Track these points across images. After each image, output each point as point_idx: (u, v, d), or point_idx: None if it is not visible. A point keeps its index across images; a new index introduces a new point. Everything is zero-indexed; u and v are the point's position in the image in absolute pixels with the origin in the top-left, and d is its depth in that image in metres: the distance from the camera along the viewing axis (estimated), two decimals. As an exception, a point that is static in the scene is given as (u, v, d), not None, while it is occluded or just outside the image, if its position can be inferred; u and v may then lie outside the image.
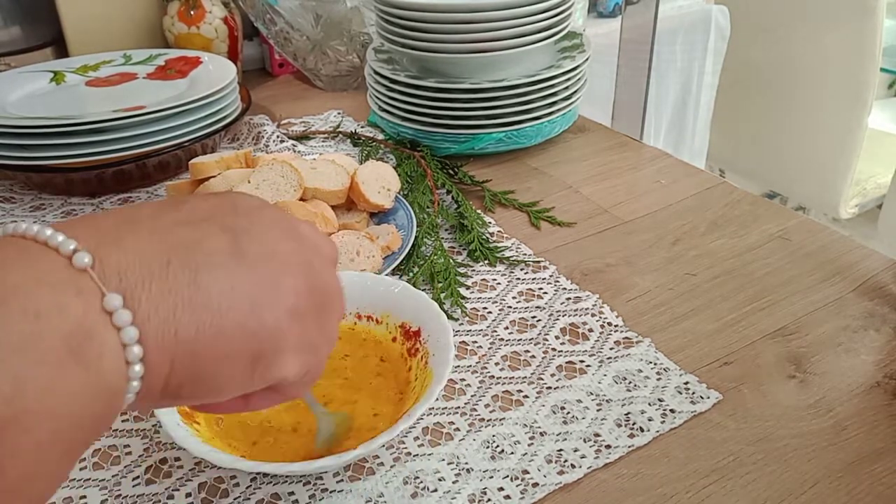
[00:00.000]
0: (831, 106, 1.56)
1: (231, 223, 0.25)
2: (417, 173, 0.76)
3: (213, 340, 0.23)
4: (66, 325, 0.20)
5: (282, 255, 0.26)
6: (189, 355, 0.23)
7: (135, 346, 0.22)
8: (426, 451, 0.45)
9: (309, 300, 0.27)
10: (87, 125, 0.73)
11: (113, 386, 0.21)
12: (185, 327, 0.23)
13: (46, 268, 0.21)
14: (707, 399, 0.48)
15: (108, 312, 0.21)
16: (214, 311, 0.23)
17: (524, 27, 0.76)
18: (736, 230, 0.68)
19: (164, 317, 0.22)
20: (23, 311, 0.20)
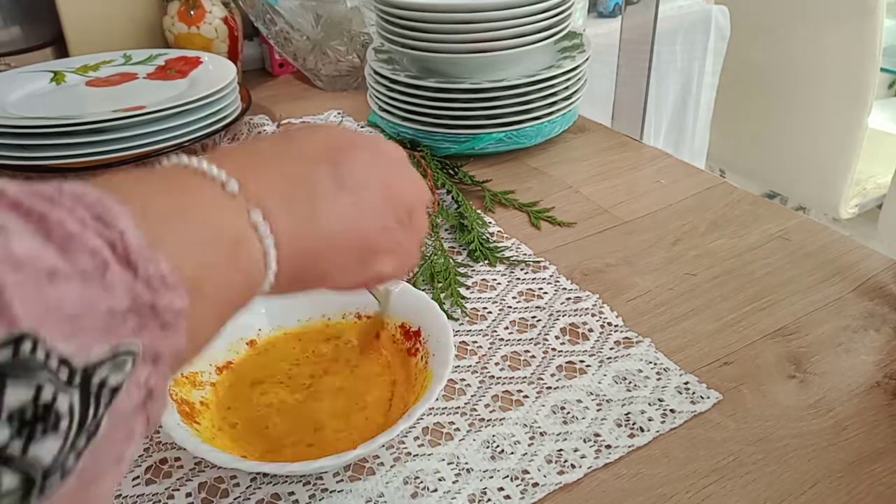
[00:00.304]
0: (831, 106, 1.56)
1: (333, 159, 0.32)
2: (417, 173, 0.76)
3: (327, 250, 0.31)
4: (229, 233, 0.27)
5: (371, 184, 0.33)
6: (311, 258, 0.30)
7: (272, 251, 0.28)
8: (426, 451, 0.45)
9: (393, 214, 0.34)
10: (87, 125, 0.73)
11: (256, 279, 0.28)
12: (307, 239, 0.30)
13: (210, 192, 0.28)
14: (707, 399, 0.48)
15: (254, 226, 0.28)
16: (326, 229, 0.31)
17: (524, 27, 0.76)
18: (736, 230, 0.68)
19: (292, 231, 0.29)
20: (201, 222, 0.26)
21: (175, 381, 0.45)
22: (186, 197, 0.27)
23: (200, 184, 0.28)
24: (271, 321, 0.52)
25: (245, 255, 0.27)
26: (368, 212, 0.33)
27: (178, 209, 0.26)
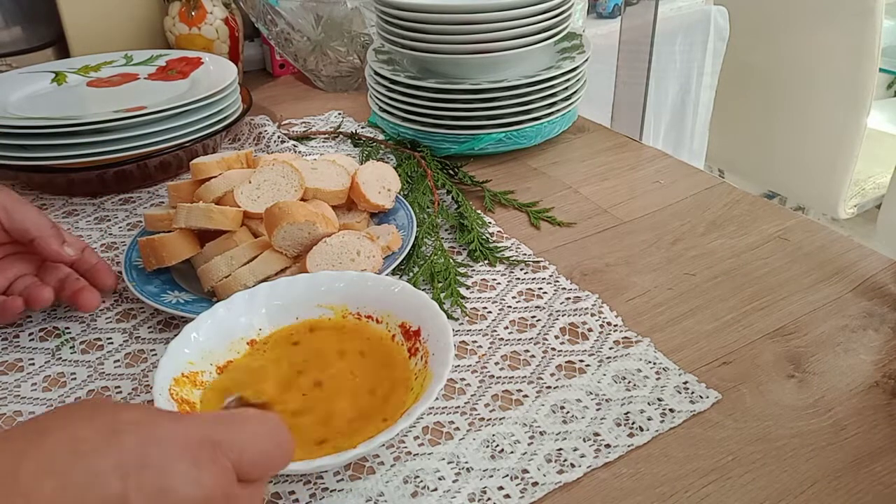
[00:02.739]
0: (830, 106, 1.57)
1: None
2: (418, 174, 0.77)
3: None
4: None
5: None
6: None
7: None
8: (426, 450, 0.46)
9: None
10: (88, 125, 0.73)
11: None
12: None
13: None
14: (706, 398, 0.49)
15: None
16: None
17: (524, 28, 0.76)
18: (735, 230, 0.68)
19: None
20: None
21: (175, 381, 0.46)
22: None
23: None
24: (271, 321, 0.52)
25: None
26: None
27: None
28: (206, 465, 0.29)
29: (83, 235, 0.71)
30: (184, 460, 0.28)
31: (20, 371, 0.54)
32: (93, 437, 0.27)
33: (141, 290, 0.58)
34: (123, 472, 0.27)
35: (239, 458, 0.30)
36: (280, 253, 0.58)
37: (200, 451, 0.29)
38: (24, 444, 0.27)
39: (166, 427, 0.29)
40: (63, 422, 0.28)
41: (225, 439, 0.30)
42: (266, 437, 0.31)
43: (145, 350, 0.55)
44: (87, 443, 0.27)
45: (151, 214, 0.63)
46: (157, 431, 0.28)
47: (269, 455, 0.31)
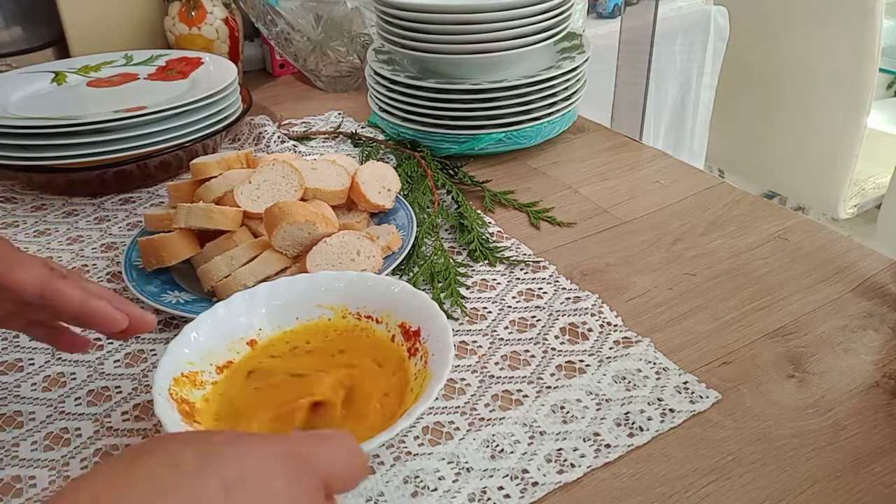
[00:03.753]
0: (830, 106, 1.57)
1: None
2: (417, 174, 0.77)
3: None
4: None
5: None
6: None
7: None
8: (426, 450, 0.46)
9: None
10: (88, 125, 0.73)
11: None
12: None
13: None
14: (706, 398, 0.49)
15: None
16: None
17: (524, 28, 0.76)
18: (735, 230, 0.68)
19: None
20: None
21: (175, 381, 0.46)
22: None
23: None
24: (271, 321, 0.52)
25: None
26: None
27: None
28: (299, 480, 0.30)
29: (83, 235, 0.71)
30: (278, 475, 0.29)
31: (20, 371, 0.54)
32: (192, 457, 0.29)
33: (141, 290, 0.58)
34: (227, 488, 0.28)
35: (327, 475, 0.31)
36: (280, 253, 0.58)
37: (292, 465, 0.30)
38: (125, 468, 0.28)
39: (257, 445, 0.30)
40: (160, 446, 0.29)
41: (313, 455, 0.31)
42: (347, 455, 0.33)
43: (145, 350, 0.55)
44: (188, 463, 0.28)
45: (151, 214, 0.63)
46: (249, 449, 0.30)
47: (351, 471, 0.32)
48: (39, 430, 0.48)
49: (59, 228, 0.72)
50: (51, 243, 0.70)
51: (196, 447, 0.29)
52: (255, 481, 0.29)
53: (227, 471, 0.28)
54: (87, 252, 0.68)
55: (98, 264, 0.66)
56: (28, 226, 0.73)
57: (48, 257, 0.67)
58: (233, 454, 0.29)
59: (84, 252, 0.68)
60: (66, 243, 0.70)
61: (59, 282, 0.45)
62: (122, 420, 0.49)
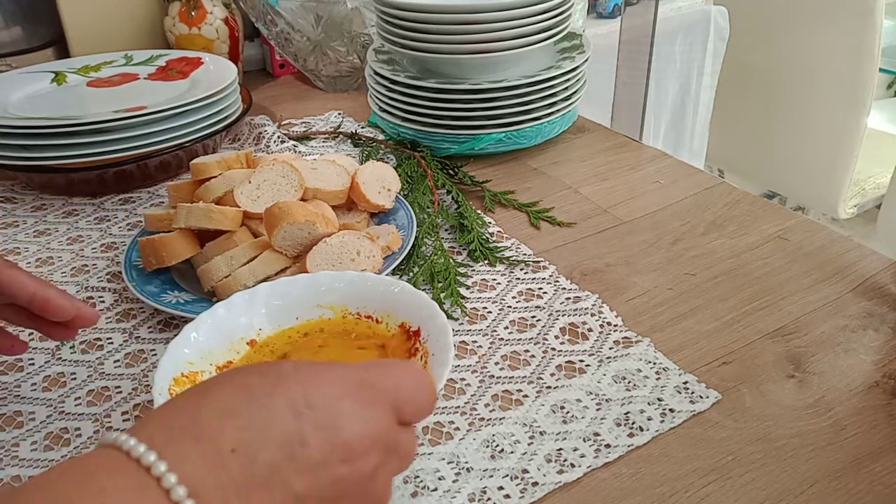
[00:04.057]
0: (830, 106, 1.57)
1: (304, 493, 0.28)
2: (417, 174, 0.77)
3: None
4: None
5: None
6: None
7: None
8: (426, 450, 0.46)
9: (377, 460, 0.30)
10: (88, 125, 0.73)
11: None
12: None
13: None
14: (706, 398, 0.49)
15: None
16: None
17: (524, 28, 0.76)
18: (735, 230, 0.68)
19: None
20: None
21: (175, 381, 0.45)
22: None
23: (138, 485, 0.25)
24: (271, 321, 0.52)
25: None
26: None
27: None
28: (368, 405, 0.30)
29: (83, 235, 0.71)
30: (346, 400, 0.30)
31: (20, 371, 0.54)
32: (261, 382, 0.29)
33: (141, 290, 0.58)
34: (296, 410, 0.28)
35: (395, 399, 0.31)
36: (280, 253, 0.58)
37: (360, 391, 0.30)
38: (197, 397, 0.29)
39: (324, 372, 0.31)
40: (230, 376, 0.30)
41: (378, 381, 0.31)
42: (414, 381, 0.33)
43: (145, 350, 0.55)
44: (257, 388, 0.29)
45: (151, 214, 0.63)
46: (317, 376, 0.30)
47: (420, 397, 0.33)
48: (39, 430, 0.49)
49: (59, 228, 0.73)
50: (51, 243, 0.70)
51: (265, 374, 0.30)
52: (323, 403, 0.29)
53: (296, 394, 0.29)
54: (87, 252, 0.68)
55: (98, 264, 0.66)
56: (28, 226, 0.73)
57: (48, 257, 0.68)
58: (301, 379, 0.30)
59: (84, 252, 0.68)
60: (66, 243, 0.70)
61: (14, 269, 0.46)
62: (122, 420, 0.49)
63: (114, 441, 0.27)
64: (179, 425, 0.27)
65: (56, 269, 0.66)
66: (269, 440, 0.27)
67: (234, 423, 0.27)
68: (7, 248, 0.69)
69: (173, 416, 0.28)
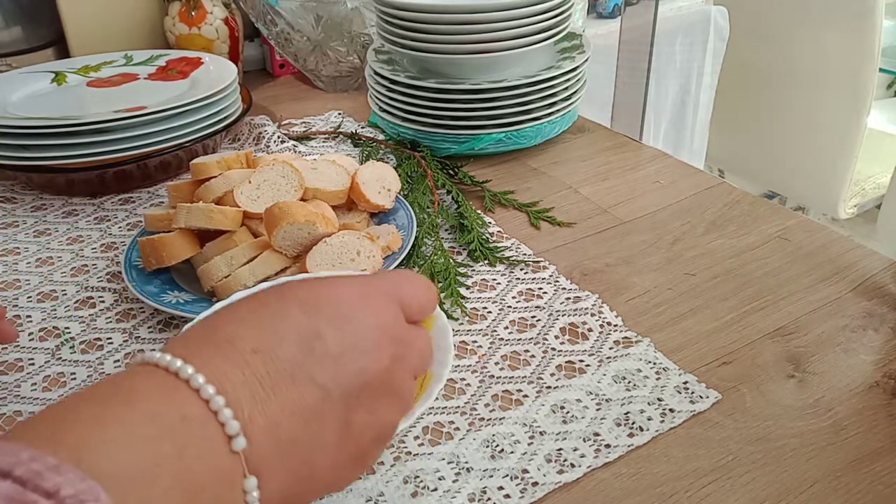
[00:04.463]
0: (830, 106, 1.57)
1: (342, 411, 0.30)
2: (417, 174, 0.77)
3: (321, 490, 0.31)
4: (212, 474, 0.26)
5: (355, 426, 0.30)
6: (303, 499, 0.30)
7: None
8: (426, 450, 0.46)
9: (376, 449, 0.32)
10: (88, 125, 0.73)
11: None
12: (301, 496, 0.30)
13: (195, 417, 0.26)
14: (706, 398, 0.49)
15: (245, 495, 0.27)
16: (323, 483, 0.30)
17: (524, 28, 0.76)
18: (735, 230, 0.68)
19: (285, 493, 0.28)
20: (178, 454, 0.25)
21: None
22: (162, 410, 0.26)
23: (183, 400, 0.26)
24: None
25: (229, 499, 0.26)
26: (350, 465, 0.31)
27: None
28: (375, 299, 0.32)
29: (83, 235, 0.71)
30: (352, 296, 0.32)
31: (20, 371, 0.54)
32: (272, 294, 0.32)
33: (141, 290, 0.58)
34: (308, 310, 0.30)
35: (400, 296, 0.33)
36: (280, 253, 0.58)
37: (365, 288, 0.33)
38: (213, 318, 0.31)
39: (330, 279, 0.33)
40: (243, 298, 0.32)
41: (381, 282, 0.34)
42: (414, 280, 0.35)
43: (145, 350, 0.55)
44: (269, 297, 0.31)
45: (151, 214, 0.63)
46: (321, 282, 0.32)
47: (421, 294, 0.35)
48: (39, 430, 0.48)
49: (59, 228, 0.73)
50: (51, 243, 0.70)
51: (276, 288, 0.32)
52: (333, 301, 0.31)
53: (306, 297, 0.31)
54: (87, 252, 0.68)
55: (98, 264, 0.66)
56: (28, 226, 0.73)
57: (48, 257, 0.68)
58: (307, 288, 0.32)
59: (84, 252, 0.68)
60: (66, 243, 0.70)
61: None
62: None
63: (141, 359, 0.28)
64: (199, 339, 0.29)
65: (56, 269, 0.66)
66: (287, 337, 0.29)
67: (252, 327, 0.29)
68: (7, 247, 0.69)
69: (193, 334, 0.30)
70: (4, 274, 0.65)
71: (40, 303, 0.61)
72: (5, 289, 0.63)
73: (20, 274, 0.65)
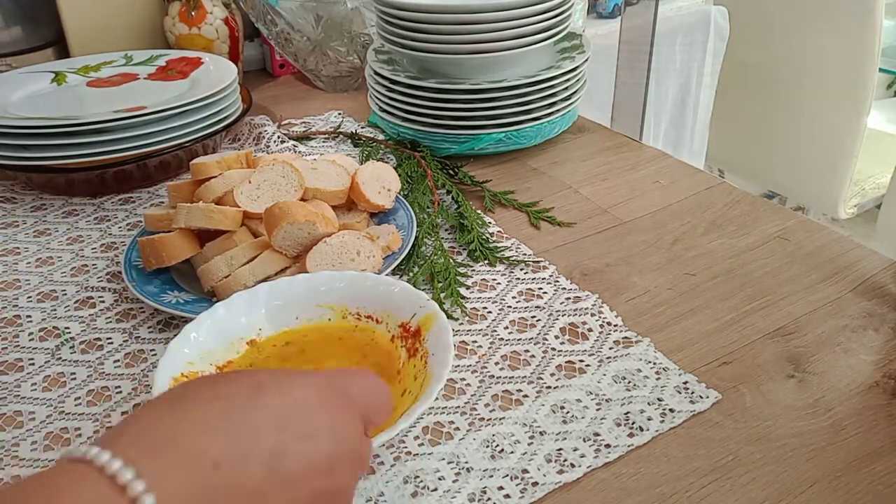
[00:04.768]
0: (830, 106, 1.57)
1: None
2: (417, 174, 0.77)
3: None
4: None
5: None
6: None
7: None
8: (426, 450, 0.46)
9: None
10: (88, 125, 0.73)
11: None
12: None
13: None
14: (706, 399, 0.49)
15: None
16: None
17: (524, 28, 0.76)
18: (735, 230, 0.68)
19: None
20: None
21: (175, 381, 0.45)
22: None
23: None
24: (271, 321, 0.52)
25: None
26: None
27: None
28: (342, 411, 0.31)
29: (83, 235, 0.71)
30: (323, 408, 0.30)
31: (20, 371, 0.54)
32: (237, 393, 0.29)
33: (141, 290, 0.58)
34: (278, 423, 0.28)
35: (366, 406, 0.33)
36: (280, 253, 0.58)
37: (333, 402, 0.31)
38: (171, 410, 0.28)
39: (299, 380, 0.31)
40: (200, 386, 0.29)
41: (350, 388, 0.32)
42: (378, 389, 0.34)
43: (145, 350, 0.55)
44: (234, 399, 0.28)
45: (151, 214, 0.63)
46: (292, 383, 0.30)
47: (383, 405, 0.34)
48: (39, 430, 0.49)
49: (59, 228, 0.73)
50: (51, 243, 0.70)
51: (241, 385, 0.30)
52: (302, 415, 0.29)
53: (275, 407, 0.29)
54: (87, 252, 0.68)
55: (98, 264, 0.66)
56: (28, 226, 0.73)
57: (48, 257, 0.68)
58: (278, 391, 0.30)
59: (84, 252, 0.68)
60: (66, 243, 0.70)
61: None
62: (120, 414, 0.49)
63: (83, 455, 0.25)
64: (156, 440, 0.26)
65: (56, 269, 0.66)
66: (253, 453, 0.27)
67: (216, 439, 0.27)
68: (7, 247, 0.69)
69: (148, 429, 0.27)
70: (4, 274, 0.65)
71: (40, 303, 0.61)
72: (5, 289, 0.63)
73: (20, 274, 0.65)
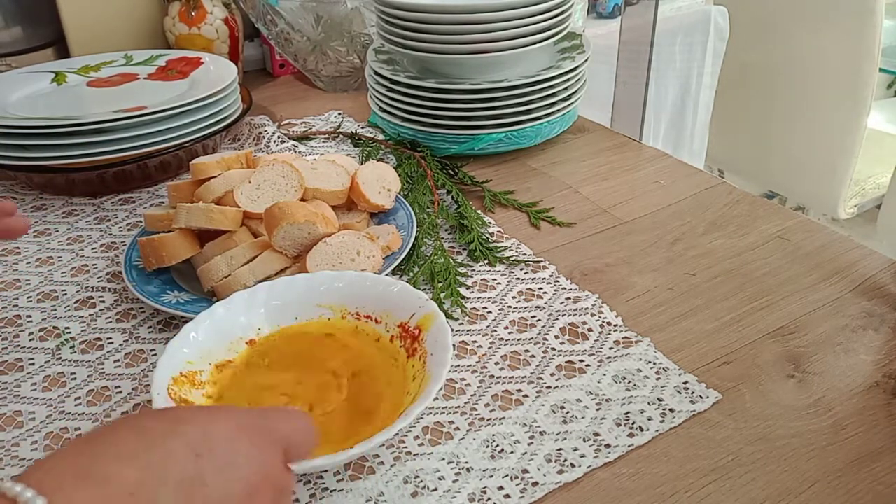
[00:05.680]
0: (830, 106, 1.57)
1: None
2: (417, 173, 0.77)
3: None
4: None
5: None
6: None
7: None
8: (426, 450, 0.46)
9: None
10: (88, 125, 0.73)
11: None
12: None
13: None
14: (706, 398, 0.49)
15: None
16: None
17: (524, 28, 0.76)
18: (735, 230, 0.68)
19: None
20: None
21: (174, 380, 0.46)
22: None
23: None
24: (270, 321, 0.52)
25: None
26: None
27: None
28: (262, 445, 0.31)
29: (83, 235, 0.71)
30: (242, 440, 0.31)
31: (20, 371, 0.54)
32: (158, 425, 0.29)
33: (141, 290, 0.58)
34: (195, 452, 0.28)
35: (287, 441, 0.33)
36: (280, 253, 0.58)
37: (254, 433, 0.31)
38: (92, 443, 0.28)
39: (220, 415, 0.31)
40: (128, 420, 0.30)
41: (273, 424, 0.33)
42: (303, 425, 0.34)
43: (145, 350, 0.55)
44: (154, 430, 0.29)
45: (151, 214, 0.63)
46: (213, 417, 0.31)
47: (306, 441, 0.34)
48: (39, 430, 0.49)
49: (59, 228, 0.72)
50: (51, 243, 0.70)
51: (162, 418, 0.30)
52: (221, 447, 0.29)
53: (193, 437, 0.29)
54: (87, 252, 0.68)
55: (98, 264, 0.66)
56: (28, 226, 0.73)
57: (48, 257, 0.68)
58: (198, 423, 0.30)
59: (84, 252, 0.68)
60: (66, 243, 0.70)
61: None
62: (121, 413, 0.49)
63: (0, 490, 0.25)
64: (73, 471, 0.26)
65: (56, 269, 0.66)
66: (170, 481, 0.27)
67: (133, 466, 0.27)
68: (7, 247, 0.69)
69: (66, 461, 0.27)
70: (4, 274, 0.65)
71: (40, 303, 0.61)
72: (5, 289, 0.63)
73: (20, 274, 0.65)
